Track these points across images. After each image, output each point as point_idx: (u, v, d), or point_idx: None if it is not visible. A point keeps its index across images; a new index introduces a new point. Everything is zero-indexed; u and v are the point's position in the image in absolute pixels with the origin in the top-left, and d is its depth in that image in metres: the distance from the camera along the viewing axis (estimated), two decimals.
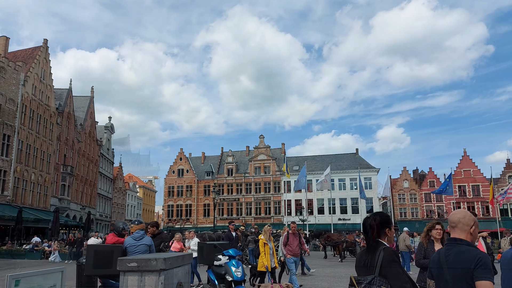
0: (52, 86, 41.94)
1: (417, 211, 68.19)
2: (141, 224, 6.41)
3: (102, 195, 59.33)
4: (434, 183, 68.33)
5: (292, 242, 10.14)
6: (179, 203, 68.43)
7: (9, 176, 33.27)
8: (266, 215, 64.69)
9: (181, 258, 5.00)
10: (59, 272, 3.44)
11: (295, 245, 10.15)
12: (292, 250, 10.08)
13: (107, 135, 62.22)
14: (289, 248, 10.12)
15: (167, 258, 4.48)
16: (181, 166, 69.98)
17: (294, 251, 10.11)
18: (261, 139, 68.90)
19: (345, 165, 64.58)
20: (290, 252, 10.07)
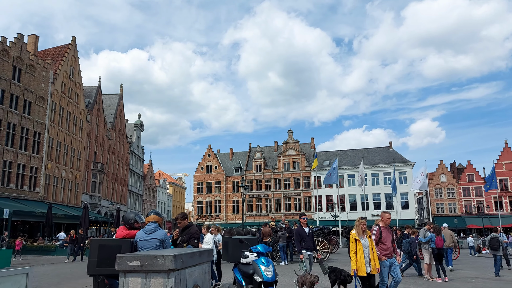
0: (81, 84, 42.24)
1: (455, 206, 65.16)
2: (155, 215, 5.48)
3: (133, 192, 59.77)
4: (473, 177, 65.11)
5: (386, 238, 7.57)
6: (208, 199, 68.21)
7: (40, 173, 33.59)
8: (296, 211, 63.40)
9: (197, 255, 4.02)
10: (23, 275, 2.49)
11: (390, 243, 7.60)
12: (387, 250, 7.52)
13: (136, 133, 62.59)
14: (382, 246, 7.52)
15: (178, 255, 3.50)
16: (210, 163, 69.70)
17: (389, 251, 7.57)
18: (289, 134, 67.60)
19: (378, 160, 62.37)
20: (384, 253, 7.47)
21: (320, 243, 17.55)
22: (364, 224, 7.28)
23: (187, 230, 6.36)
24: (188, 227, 6.43)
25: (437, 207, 65.42)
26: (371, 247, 7.13)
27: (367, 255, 7.02)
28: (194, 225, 6.48)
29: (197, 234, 6.21)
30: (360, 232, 7.20)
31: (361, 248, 7.02)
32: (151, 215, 5.48)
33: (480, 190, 63.99)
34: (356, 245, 7.08)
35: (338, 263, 17.50)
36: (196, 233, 6.21)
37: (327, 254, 17.90)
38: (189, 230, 6.35)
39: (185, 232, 6.26)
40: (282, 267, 15.64)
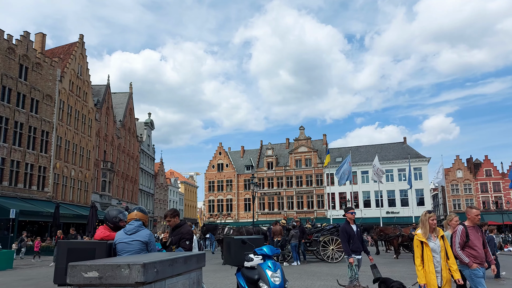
0: (90, 82, 41.84)
1: (472, 203, 63.32)
2: (138, 212, 4.66)
3: (144, 191, 59.41)
4: (491, 172, 63.24)
5: (475, 241, 5.61)
6: (219, 198, 67.56)
7: (49, 173, 33.23)
8: (308, 209, 62.41)
9: (181, 261, 3.15)
10: None
11: (481, 247, 5.64)
12: (478, 256, 5.56)
13: (147, 131, 62.20)
14: (471, 252, 5.56)
15: (149, 263, 2.64)
16: (221, 161, 69.02)
17: (481, 258, 5.59)
18: (301, 130, 66.49)
19: (392, 156, 60.90)
20: (476, 260, 5.52)
21: (335, 242, 16.62)
22: (434, 219, 5.38)
23: (178, 229, 5.46)
24: (179, 226, 5.52)
25: (454, 203, 63.71)
26: (444, 252, 5.26)
27: (438, 262, 5.20)
28: (186, 224, 5.61)
29: (189, 234, 5.35)
30: (427, 231, 5.30)
31: (429, 253, 5.19)
32: (134, 212, 4.66)
33: (499, 186, 62.12)
34: (423, 249, 5.25)
35: None
36: (188, 233, 5.34)
37: (342, 253, 16.93)
38: (180, 230, 5.43)
39: (175, 232, 5.40)
40: (295, 268, 14.75)
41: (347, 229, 7.19)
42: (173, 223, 5.49)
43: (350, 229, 7.20)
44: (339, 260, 16.62)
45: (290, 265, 15.43)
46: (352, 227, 7.26)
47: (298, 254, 16.07)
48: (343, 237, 7.22)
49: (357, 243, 7.24)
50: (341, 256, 16.83)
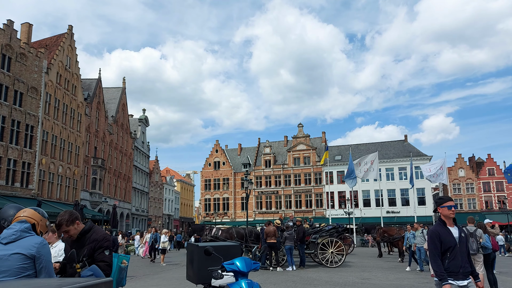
0: (79, 75, 40.17)
1: (474, 202, 61.90)
2: (29, 209, 3.07)
3: (138, 189, 57.77)
4: (494, 171, 61.76)
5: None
6: (216, 196, 65.96)
7: (34, 169, 31.58)
8: (307, 208, 60.88)
9: None
10: None
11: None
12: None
13: (141, 128, 60.52)
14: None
15: None
16: (217, 159, 67.41)
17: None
18: (300, 128, 64.88)
19: (393, 154, 59.34)
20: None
21: (334, 245, 15.04)
22: None
23: (88, 237, 3.53)
24: (86, 231, 3.56)
25: (456, 203, 62.11)
26: None
27: None
28: (97, 227, 3.78)
29: (107, 240, 3.60)
30: None
31: None
32: (21, 210, 3.07)
33: (502, 185, 60.66)
34: None
35: (355, 267, 15.01)
36: (105, 238, 3.52)
37: (343, 257, 15.37)
38: (91, 236, 3.54)
39: (82, 240, 3.51)
40: (289, 274, 13.14)
41: (440, 233, 4.11)
42: (75, 232, 3.49)
43: (447, 235, 4.11)
44: (339, 264, 15.04)
45: (285, 270, 13.84)
46: (450, 230, 4.15)
47: (302, 256, 14.55)
48: (433, 247, 4.12)
49: (460, 258, 4.05)
50: (341, 260, 15.27)
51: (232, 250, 4.14)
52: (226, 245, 4.25)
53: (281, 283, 11.00)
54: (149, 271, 14.86)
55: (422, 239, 13.92)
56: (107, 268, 3.41)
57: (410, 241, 14.95)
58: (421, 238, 14.00)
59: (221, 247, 4.11)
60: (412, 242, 14.66)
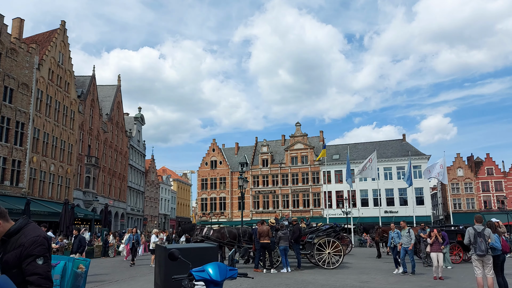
0: (72, 72, 39.38)
1: (473, 202, 61.40)
2: None
3: (133, 188, 57.01)
4: (493, 171, 61.27)
5: None
6: (212, 196, 65.25)
7: (24, 167, 30.81)
8: (304, 208, 60.25)
9: None
10: None
11: None
12: None
13: (137, 127, 59.75)
14: None
15: None
16: (214, 158, 66.68)
17: None
18: (297, 127, 64.26)
19: (391, 153, 58.76)
20: None
21: (331, 245, 14.38)
22: None
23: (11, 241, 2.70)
24: (14, 233, 2.72)
25: (454, 202, 61.67)
26: None
27: None
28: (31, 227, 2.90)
29: (38, 245, 2.73)
30: None
31: None
32: None
33: (500, 185, 60.19)
34: None
35: (353, 269, 14.35)
36: (34, 244, 2.62)
37: (340, 258, 14.72)
38: (17, 240, 2.68)
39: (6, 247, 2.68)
40: (283, 277, 12.47)
41: None
42: None
43: None
44: (337, 266, 14.38)
45: (279, 272, 13.17)
46: None
47: (299, 258, 13.89)
48: None
49: None
50: (339, 261, 14.61)
51: (208, 253, 3.46)
52: (200, 248, 3.55)
53: (274, 286, 10.33)
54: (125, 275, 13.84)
55: (408, 239, 13.04)
56: (44, 282, 2.61)
57: (395, 240, 13.82)
58: (407, 238, 13.09)
59: (194, 250, 3.43)
60: (397, 242, 13.60)
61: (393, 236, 13.93)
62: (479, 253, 7.84)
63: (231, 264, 3.21)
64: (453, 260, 16.68)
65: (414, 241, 13.15)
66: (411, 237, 13.08)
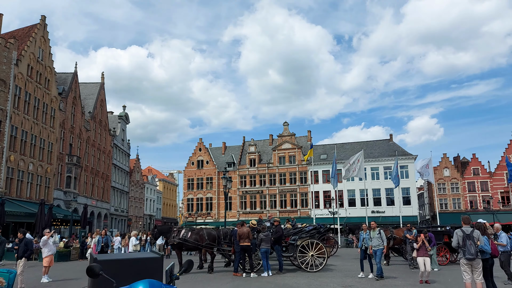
0: (53, 68, 38.25)
1: (459, 202, 61.61)
2: None
3: (117, 188, 55.91)
4: (479, 171, 61.54)
5: None
6: (199, 196, 64.37)
7: (1, 166, 29.68)
8: (292, 208, 59.80)
9: None
10: None
11: None
12: None
13: (121, 125, 58.62)
14: None
15: None
16: (201, 157, 65.82)
17: None
18: (285, 126, 63.79)
19: (378, 153, 58.66)
20: None
21: (314, 247, 13.82)
22: None
23: None
24: None
25: (441, 203, 61.81)
26: None
27: None
28: None
29: None
30: None
31: None
32: None
33: (486, 185, 60.47)
34: None
35: (337, 271, 13.81)
36: None
37: (324, 260, 14.17)
38: None
39: None
40: (263, 281, 11.86)
41: None
42: None
43: None
44: (320, 268, 13.83)
45: (260, 276, 12.56)
46: None
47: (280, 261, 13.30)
48: None
49: None
50: (323, 264, 14.06)
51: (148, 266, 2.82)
52: (138, 259, 2.89)
53: None
54: None
55: (379, 241, 12.19)
56: None
57: (366, 242, 12.76)
58: (378, 240, 12.21)
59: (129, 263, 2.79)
60: (368, 243, 12.56)
61: (364, 237, 12.91)
62: (469, 256, 7.32)
63: (169, 281, 2.60)
64: (440, 261, 16.27)
65: (385, 243, 12.33)
66: (382, 239, 12.22)
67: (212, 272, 13.84)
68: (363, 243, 12.86)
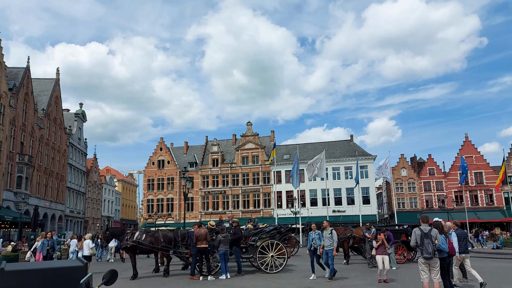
0: (3, 63, 36.03)
1: (416, 201, 63.72)
2: None
3: (73, 189, 53.59)
4: (434, 171, 63.93)
5: None
6: (159, 197, 62.90)
7: None
8: (255, 208, 59.65)
9: None
10: None
11: None
12: None
13: (78, 124, 56.26)
14: None
15: None
16: (162, 157, 64.36)
17: None
18: (248, 126, 63.58)
19: (339, 153, 59.68)
20: None
21: (275, 248, 13.56)
22: None
23: None
24: None
25: (398, 202, 63.67)
26: None
27: None
28: None
29: None
30: None
31: None
32: None
33: (441, 184, 62.90)
34: None
35: (297, 272, 13.59)
36: None
37: (285, 261, 13.94)
38: None
39: None
40: (221, 284, 11.44)
41: None
42: None
43: None
44: (280, 269, 13.59)
45: (217, 279, 12.13)
46: None
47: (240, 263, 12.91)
48: None
49: None
50: (283, 265, 13.82)
51: (64, 277, 2.35)
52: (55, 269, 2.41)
53: None
54: None
55: (330, 241, 11.67)
56: None
57: (315, 242, 12.13)
58: (329, 240, 11.69)
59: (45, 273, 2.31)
60: (318, 244, 12.00)
61: (313, 237, 12.24)
62: (426, 255, 7.26)
63: None
64: (398, 260, 16.48)
65: (336, 243, 11.84)
66: (334, 239, 11.69)
67: (168, 275, 13.29)
68: (312, 243, 12.26)
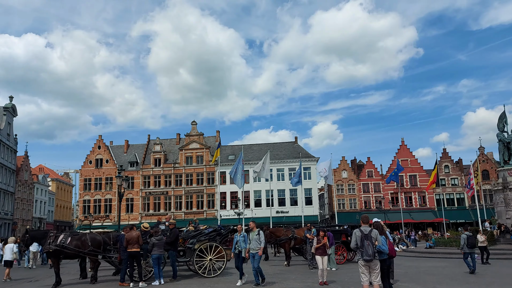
0: None
1: (355, 202, 65.88)
2: None
3: (0, 188, 49.35)
4: (372, 173, 66.51)
5: None
6: (97, 197, 59.76)
7: None
8: (198, 210, 58.51)
9: None
10: None
11: None
12: None
13: (7, 118, 51.95)
14: None
15: None
16: (100, 156, 61.24)
17: None
18: (193, 125, 62.33)
19: (283, 155, 60.26)
20: None
21: (214, 250, 12.95)
22: None
23: None
24: None
25: (339, 203, 65.48)
26: None
27: None
28: None
29: None
30: None
31: None
32: None
33: (379, 186, 65.55)
34: None
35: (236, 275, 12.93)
36: None
37: (223, 264, 13.37)
38: None
39: None
40: None
41: None
42: None
43: None
44: (219, 273, 13.00)
45: (150, 285, 11.29)
46: None
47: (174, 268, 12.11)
48: None
49: None
50: (221, 268, 13.24)
51: None
52: None
53: None
54: None
55: (257, 243, 10.97)
56: None
57: (239, 245, 11.26)
58: (256, 242, 10.97)
59: None
60: (243, 246, 11.15)
61: (238, 239, 11.37)
62: (366, 258, 7.03)
63: None
64: (338, 260, 16.52)
65: (263, 244, 11.13)
66: (261, 240, 10.96)
67: (96, 282, 12.21)
68: (237, 246, 11.37)
